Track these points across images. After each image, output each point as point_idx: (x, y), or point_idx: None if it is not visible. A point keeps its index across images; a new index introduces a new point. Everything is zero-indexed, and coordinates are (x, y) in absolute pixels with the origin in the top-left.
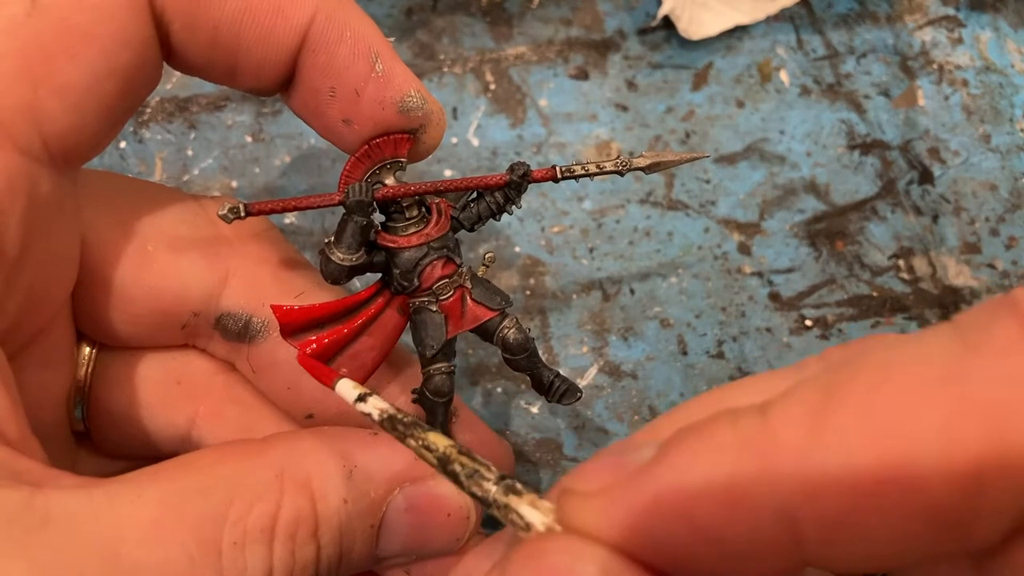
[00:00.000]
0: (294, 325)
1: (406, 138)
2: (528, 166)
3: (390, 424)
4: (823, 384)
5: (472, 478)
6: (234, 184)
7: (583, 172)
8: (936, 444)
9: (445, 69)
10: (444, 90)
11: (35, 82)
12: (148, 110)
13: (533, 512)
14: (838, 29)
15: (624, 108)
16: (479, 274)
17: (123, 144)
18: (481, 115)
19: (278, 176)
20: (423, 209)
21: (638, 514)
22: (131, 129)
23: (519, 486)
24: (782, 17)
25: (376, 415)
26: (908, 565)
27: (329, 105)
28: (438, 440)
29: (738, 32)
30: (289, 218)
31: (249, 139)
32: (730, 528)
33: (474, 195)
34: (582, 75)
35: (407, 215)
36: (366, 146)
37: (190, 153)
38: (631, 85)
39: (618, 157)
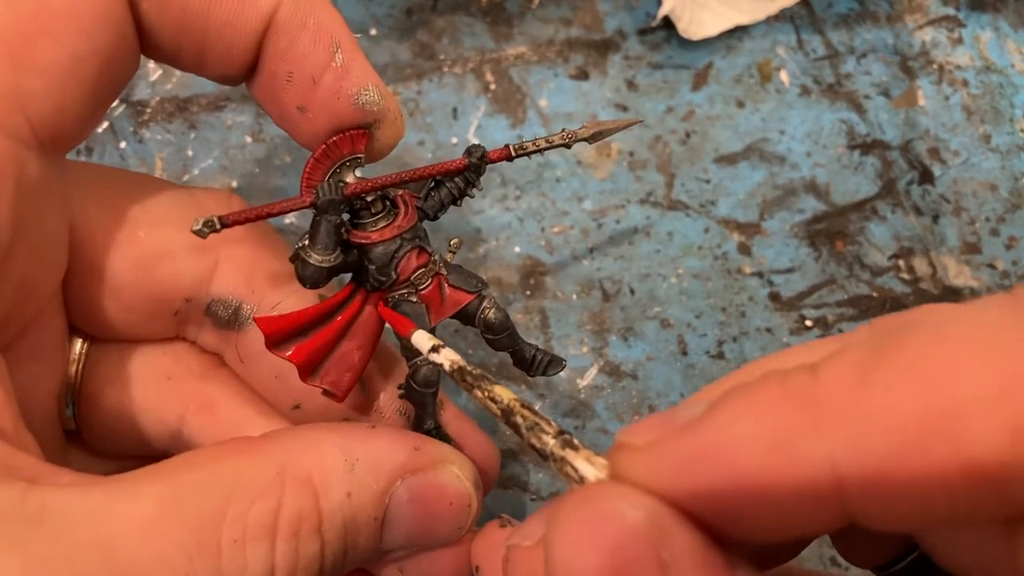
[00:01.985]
0: (279, 335)
1: (362, 134)
2: (484, 148)
3: (459, 375)
4: (874, 343)
5: (532, 430)
6: (234, 184)
7: (534, 148)
8: (988, 403)
9: (445, 69)
10: (444, 90)
11: (17, 64)
12: (148, 110)
13: (588, 467)
14: (838, 29)
15: (624, 108)
16: (449, 260)
17: (123, 144)
18: (481, 115)
19: (278, 176)
20: (387, 202)
21: (686, 465)
22: (131, 129)
23: (576, 441)
24: (782, 17)
25: (447, 365)
26: (944, 527)
27: (285, 91)
28: (503, 393)
29: (738, 32)
30: (289, 218)
31: (249, 139)
32: (775, 479)
33: (432, 183)
34: (582, 75)
35: (373, 210)
36: (324, 145)
37: (190, 153)
38: (631, 85)
39: (563, 131)
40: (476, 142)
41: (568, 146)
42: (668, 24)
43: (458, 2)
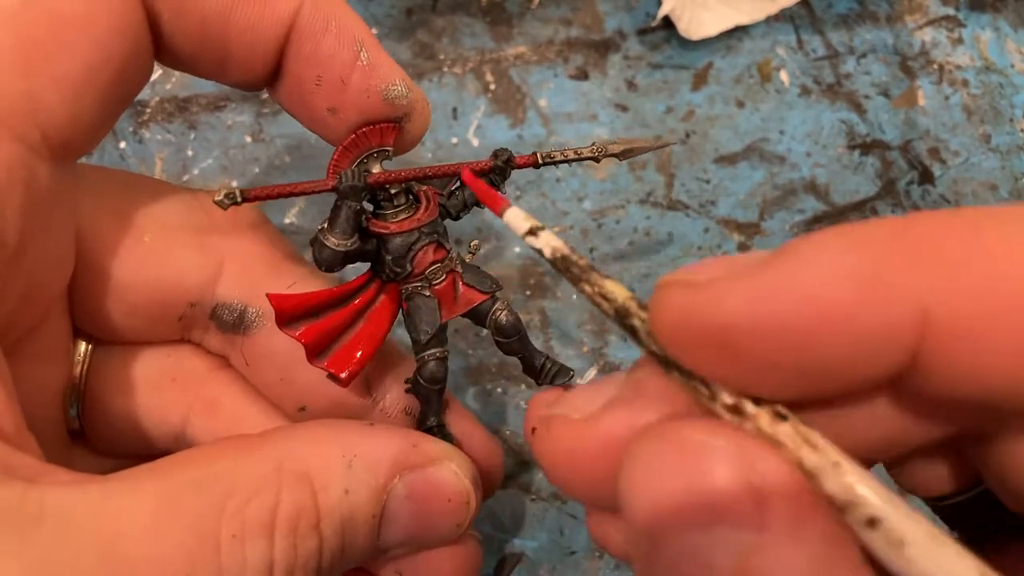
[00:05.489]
0: (289, 313)
1: (392, 127)
2: (511, 152)
3: (563, 264)
4: (968, 209)
5: (652, 335)
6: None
7: (562, 158)
8: None
9: (445, 69)
10: (444, 90)
11: (31, 73)
12: (148, 110)
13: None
14: (838, 29)
15: (624, 108)
16: (467, 260)
17: (123, 144)
18: (481, 115)
19: (278, 176)
20: (410, 196)
21: (761, 299)
22: (131, 129)
23: None
24: (782, 17)
25: (548, 252)
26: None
27: (315, 94)
28: (616, 290)
29: (738, 32)
30: (289, 218)
31: (249, 139)
32: (858, 315)
33: (458, 183)
34: (582, 75)
35: (395, 202)
36: (353, 135)
37: (190, 153)
38: (631, 85)
39: (593, 144)
40: (476, 142)
41: (597, 160)
42: (668, 24)
43: (458, 2)
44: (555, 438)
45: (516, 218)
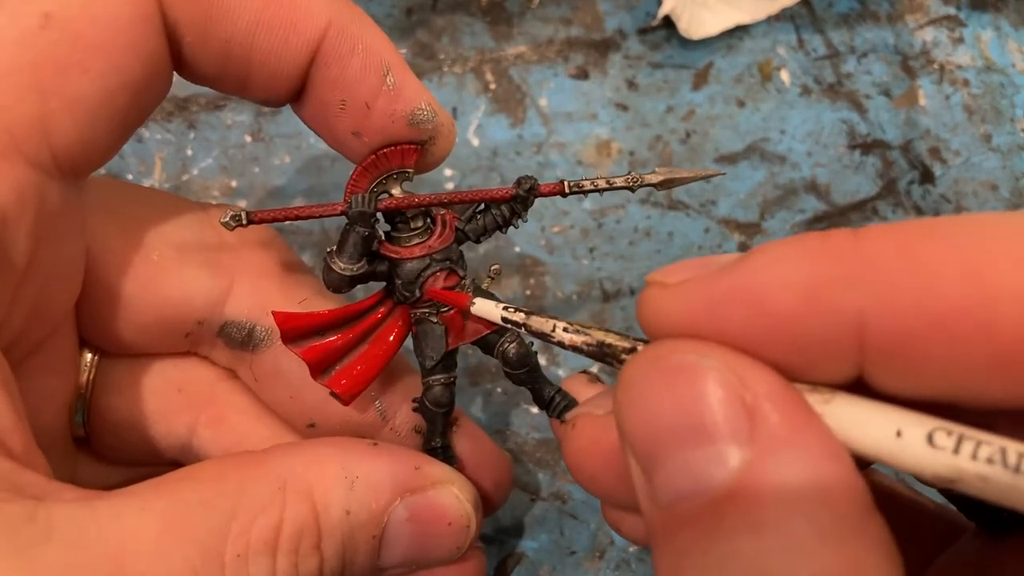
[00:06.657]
0: (295, 331)
1: (413, 149)
2: (535, 180)
3: (537, 326)
4: (919, 222)
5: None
6: (233, 184)
7: (592, 188)
8: (1020, 297)
9: (445, 69)
10: (444, 90)
11: (46, 95)
12: None
13: None
14: (839, 29)
15: (624, 108)
16: (484, 287)
17: None
18: (481, 115)
19: (277, 176)
20: (428, 220)
21: (716, 304)
22: None
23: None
24: (783, 17)
25: (521, 318)
26: (959, 404)
27: (339, 118)
28: (596, 332)
29: (739, 32)
30: None
31: (248, 139)
32: (801, 326)
33: (480, 207)
34: (582, 75)
35: (411, 226)
36: (373, 156)
37: (189, 153)
38: (631, 85)
39: (629, 173)
40: (476, 142)
41: (632, 190)
42: (668, 23)
43: (458, 2)
44: (579, 434)
45: (486, 307)
